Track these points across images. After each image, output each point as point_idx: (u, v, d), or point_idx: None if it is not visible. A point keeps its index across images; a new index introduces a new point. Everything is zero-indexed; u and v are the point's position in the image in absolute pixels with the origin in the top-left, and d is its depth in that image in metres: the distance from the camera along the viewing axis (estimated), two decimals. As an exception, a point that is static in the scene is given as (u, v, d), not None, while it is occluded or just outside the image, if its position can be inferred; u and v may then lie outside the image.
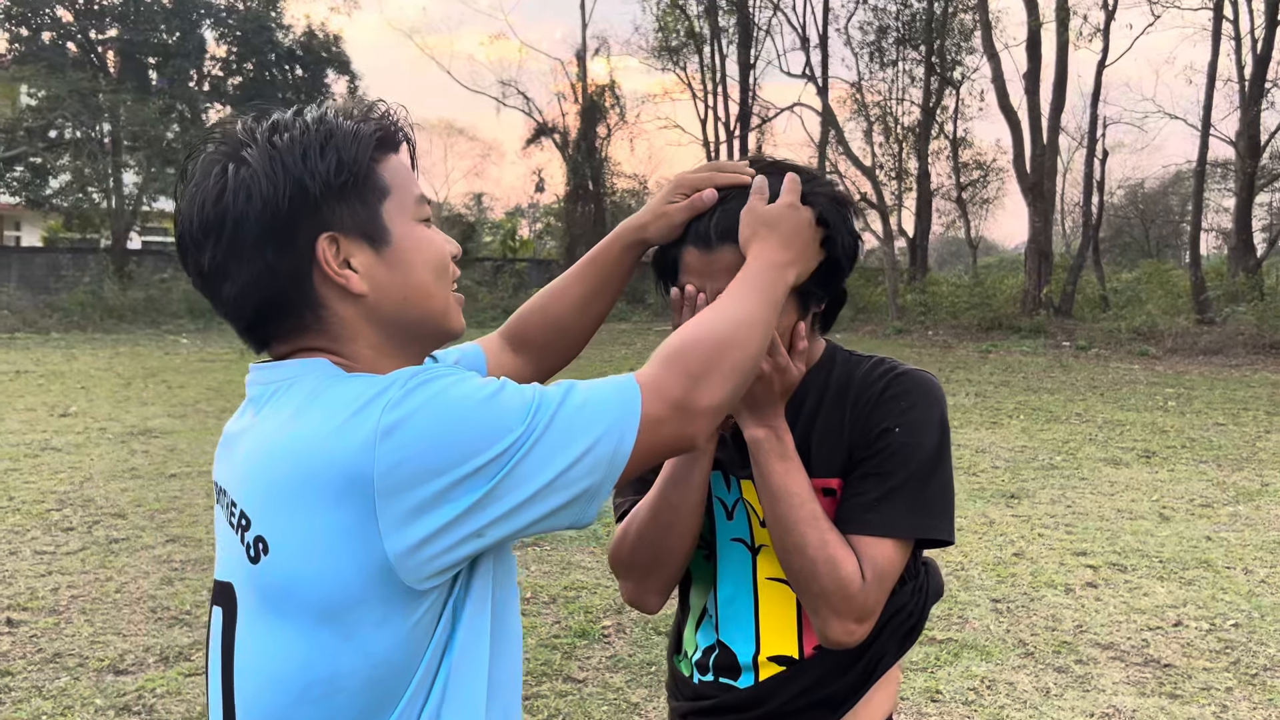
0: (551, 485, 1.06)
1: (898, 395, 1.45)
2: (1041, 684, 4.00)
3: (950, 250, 52.42)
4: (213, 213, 1.11)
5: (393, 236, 1.15)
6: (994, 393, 12.49)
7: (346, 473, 1.02)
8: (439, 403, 1.04)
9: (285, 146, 1.11)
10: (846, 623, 1.38)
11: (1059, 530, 6.19)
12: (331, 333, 1.15)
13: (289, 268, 1.11)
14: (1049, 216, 23.04)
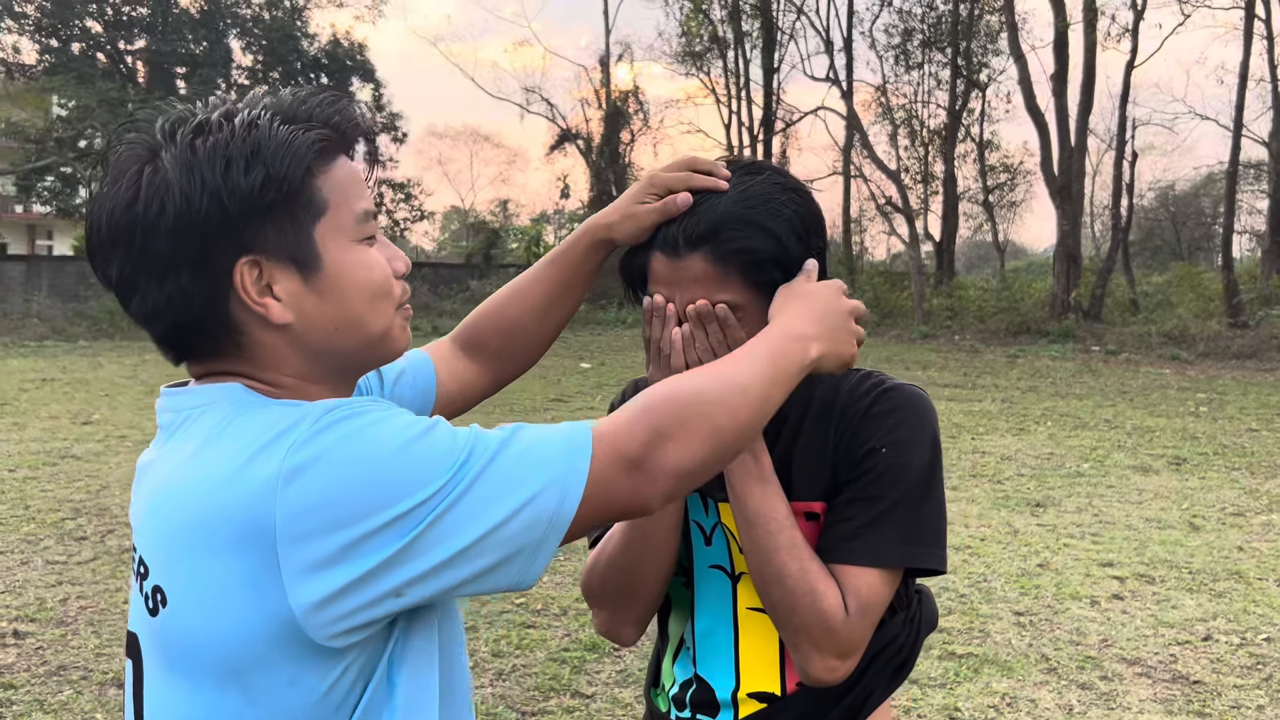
0: (480, 543, 0.94)
1: (885, 412, 1.35)
2: (1065, 701, 3.88)
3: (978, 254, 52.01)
4: (122, 221, 0.99)
5: (324, 262, 1.03)
6: (1021, 398, 12.30)
7: (246, 520, 0.92)
8: (353, 444, 0.93)
9: (206, 155, 0.98)
10: (828, 659, 1.28)
11: (1085, 540, 6.05)
12: (251, 359, 1.04)
13: (204, 291, 1.00)
14: (1077, 219, 22.76)
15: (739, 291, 1.27)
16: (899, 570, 1.32)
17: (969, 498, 7.09)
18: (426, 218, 35.81)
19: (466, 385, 1.42)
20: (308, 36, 30.87)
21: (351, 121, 1.07)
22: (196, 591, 0.95)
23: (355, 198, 1.06)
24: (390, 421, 0.95)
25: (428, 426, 0.96)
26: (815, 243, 1.31)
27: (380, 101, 32.88)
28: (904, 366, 15.83)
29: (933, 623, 1.48)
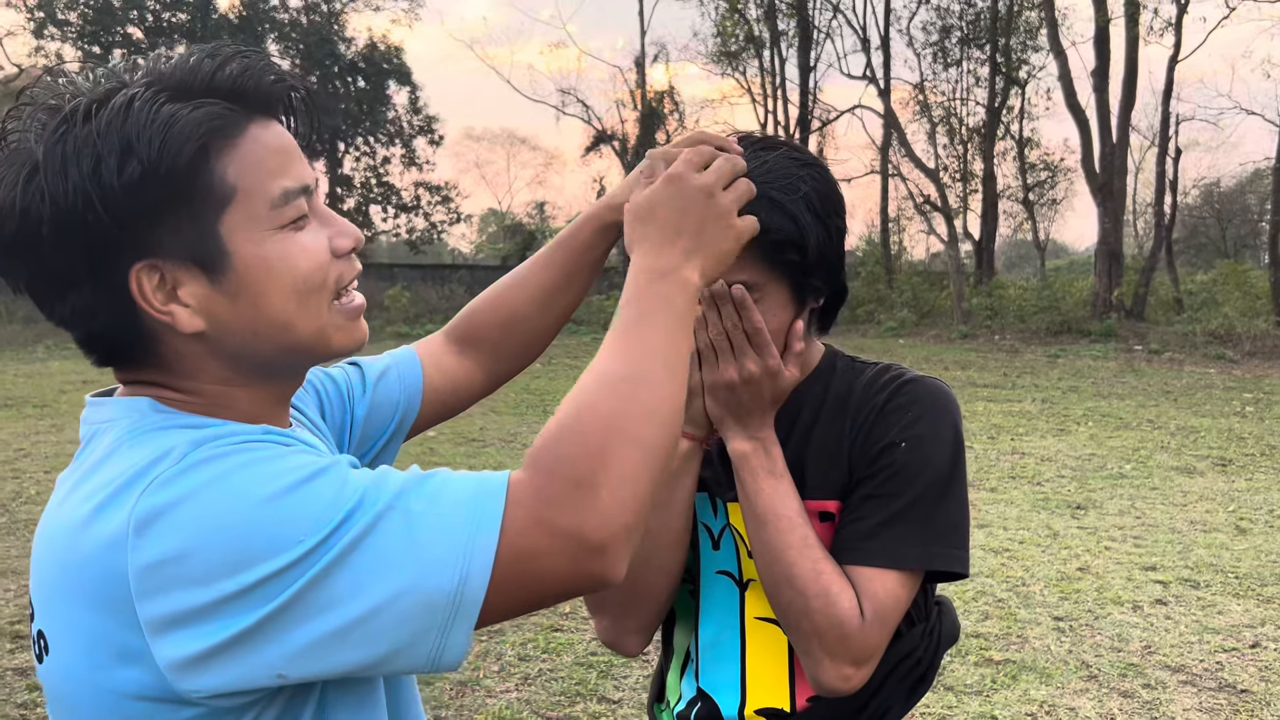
0: (364, 623, 0.79)
1: (904, 406, 1.27)
2: (1106, 709, 3.75)
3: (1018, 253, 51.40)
4: (9, 233, 0.87)
5: (233, 259, 0.88)
6: (1062, 399, 12.09)
7: (101, 573, 0.81)
8: (214, 491, 0.80)
9: (73, 154, 0.84)
10: (842, 666, 1.20)
11: (1127, 543, 5.89)
12: (169, 368, 0.93)
13: (106, 304, 0.88)
14: (1119, 217, 22.37)
15: (757, 271, 1.21)
16: (918, 573, 1.24)
17: (1008, 500, 6.94)
18: (464, 220, 35.93)
19: (458, 382, 1.33)
20: (344, 40, 31.14)
21: (263, 82, 0.90)
22: (69, 644, 0.86)
23: (272, 176, 0.90)
24: (264, 465, 0.82)
25: (310, 474, 0.82)
26: (834, 221, 1.24)
27: (417, 104, 33.10)
28: (943, 366, 15.62)
29: (954, 635, 1.39)
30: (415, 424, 1.31)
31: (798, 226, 1.20)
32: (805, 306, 1.28)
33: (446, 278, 28.34)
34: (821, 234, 1.22)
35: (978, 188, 29.55)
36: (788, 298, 1.25)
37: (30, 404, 11.70)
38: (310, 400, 1.20)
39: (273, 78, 0.91)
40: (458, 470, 0.86)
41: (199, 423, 0.90)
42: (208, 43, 0.94)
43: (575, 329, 22.27)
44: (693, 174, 1.00)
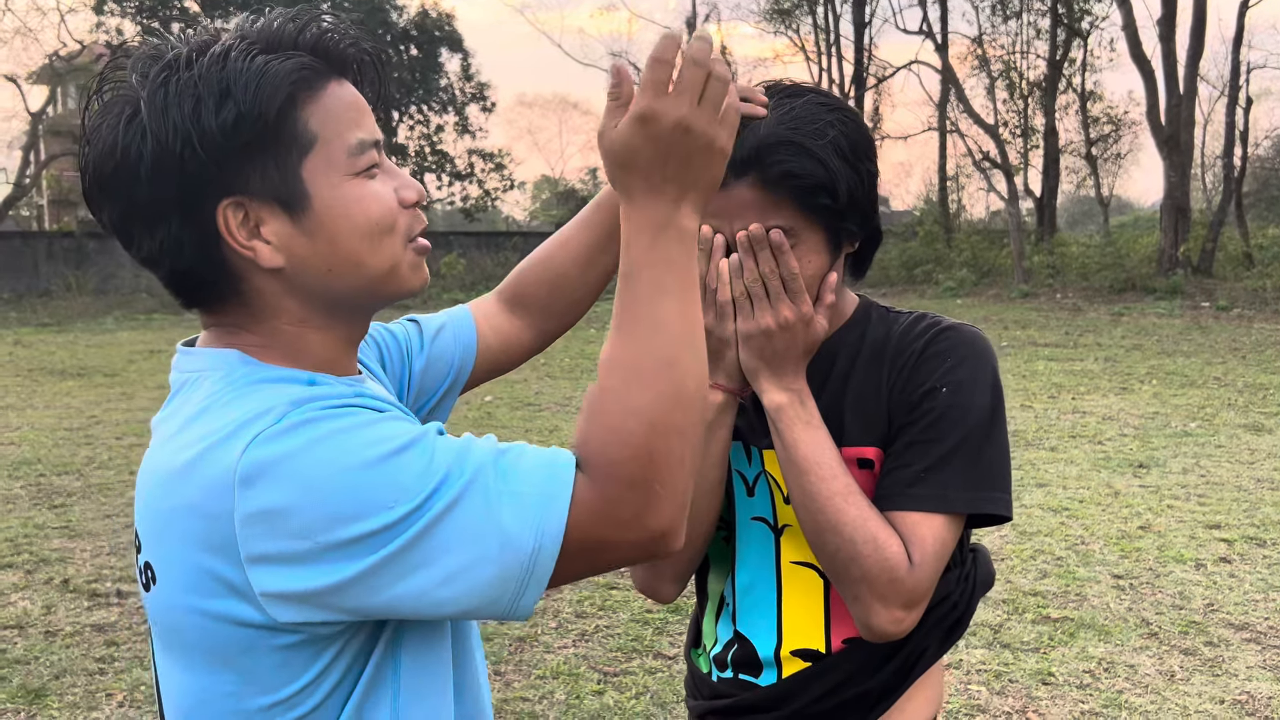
0: (443, 586, 0.87)
1: (942, 352, 1.27)
2: (1166, 667, 3.72)
3: (1082, 210, 50.33)
4: (106, 169, 0.94)
5: (313, 200, 0.95)
6: (1125, 357, 11.87)
7: (207, 512, 0.88)
8: (315, 452, 0.86)
9: (174, 96, 0.91)
10: (893, 609, 1.21)
11: (1190, 501, 5.80)
12: (250, 307, 0.99)
13: (193, 238, 0.95)
14: (1186, 171, 21.77)
15: (792, 216, 1.22)
16: (962, 516, 1.25)
17: (1068, 459, 6.86)
18: (517, 187, 36.04)
19: (509, 341, 1.38)
20: (396, 8, 31.24)
21: (342, 45, 0.98)
22: (177, 575, 0.93)
23: (348, 127, 0.97)
24: (360, 431, 0.88)
25: (403, 444, 0.88)
26: (863, 166, 1.24)
27: (469, 71, 33.15)
28: (1003, 326, 15.40)
29: (988, 582, 1.40)
30: (470, 380, 1.36)
31: (828, 171, 1.21)
32: (840, 252, 1.29)
33: (501, 245, 28.48)
34: (852, 178, 1.23)
35: (1039, 143, 28.94)
36: (823, 242, 1.25)
37: (100, 373, 12.03)
38: (371, 353, 1.25)
39: (349, 42, 0.99)
40: (528, 445, 0.92)
41: (288, 375, 0.97)
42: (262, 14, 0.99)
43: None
44: (662, 106, 0.91)
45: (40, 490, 6.46)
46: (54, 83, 28.41)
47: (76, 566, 4.96)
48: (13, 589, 4.67)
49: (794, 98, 1.24)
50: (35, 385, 11.15)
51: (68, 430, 8.46)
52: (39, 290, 23.92)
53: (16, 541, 5.34)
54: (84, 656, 3.93)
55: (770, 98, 1.23)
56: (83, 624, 4.25)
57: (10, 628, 4.22)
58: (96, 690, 3.66)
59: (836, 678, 1.31)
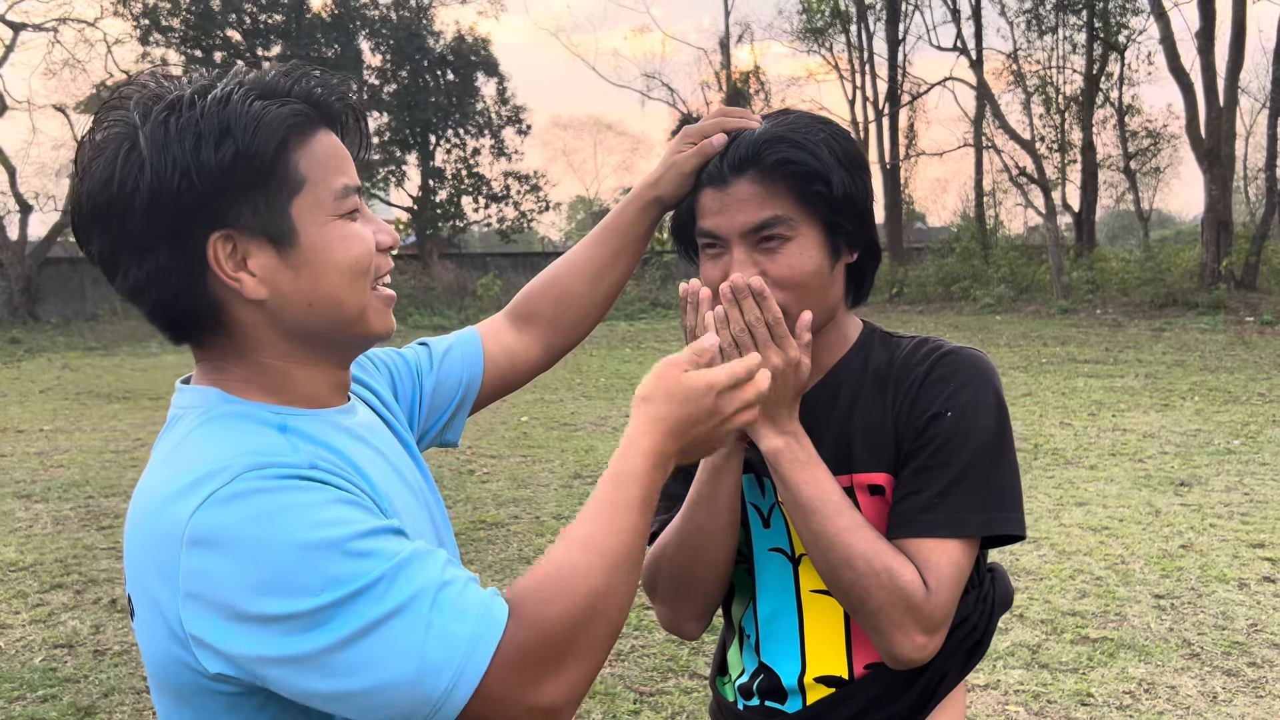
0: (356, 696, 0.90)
1: (945, 376, 1.30)
2: (1208, 688, 3.68)
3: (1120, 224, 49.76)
4: (100, 199, 0.99)
5: (300, 237, 1.01)
6: (1166, 373, 11.72)
7: (160, 562, 0.92)
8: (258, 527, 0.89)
9: (176, 132, 0.97)
10: (914, 636, 1.23)
11: (1234, 520, 5.72)
12: (233, 340, 1.04)
13: (180, 267, 1.00)
14: (1228, 184, 21.49)
15: (788, 205, 1.27)
16: (977, 539, 1.27)
17: (1107, 477, 6.79)
18: (552, 208, 36.24)
19: (517, 358, 1.43)
20: (433, 34, 31.62)
21: (333, 96, 1.06)
22: (143, 609, 0.97)
23: (334, 173, 1.04)
24: (306, 512, 0.91)
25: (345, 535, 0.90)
26: (856, 172, 1.29)
27: (505, 95, 33.45)
28: (1041, 343, 15.27)
29: (1007, 601, 1.41)
30: (480, 396, 1.42)
31: (821, 162, 1.26)
32: (839, 257, 1.32)
33: (537, 265, 28.51)
34: (846, 177, 1.28)
35: (1076, 158, 28.70)
36: (820, 239, 1.29)
37: (146, 396, 12.25)
38: (383, 379, 1.31)
39: (337, 96, 1.06)
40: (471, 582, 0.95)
41: (261, 418, 1.01)
42: (303, 42, 1.06)
43: (665, 313, 22.35)
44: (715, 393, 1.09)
45: (89, 511, 6.60)
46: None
47: (123, 587, 5.03)
48: (63, 609, 4.77)
49: (785, 114, 1.32)
50: (83, 409, 11.37)
51: (114, 453, 8.62)
52: (86, 315, 24.37)
53: (66, 562, 5.46)
54: (131, 675, 4.01)
55: (766, 118, 1.32)
56: (130, 643, 4.34)
57: (61, 646, 4.32)
58: (144, 708, 3.74)
59: (860, 703, 1.33)
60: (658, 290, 24.97)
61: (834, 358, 1.37)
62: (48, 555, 5.59)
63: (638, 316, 23.14)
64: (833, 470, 1.29)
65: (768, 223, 1.26)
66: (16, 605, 4.83)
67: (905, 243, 29.95)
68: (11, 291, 24.38)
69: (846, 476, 1.31)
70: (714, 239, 1.31)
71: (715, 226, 1.30)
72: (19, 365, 16.31)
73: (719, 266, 1.30)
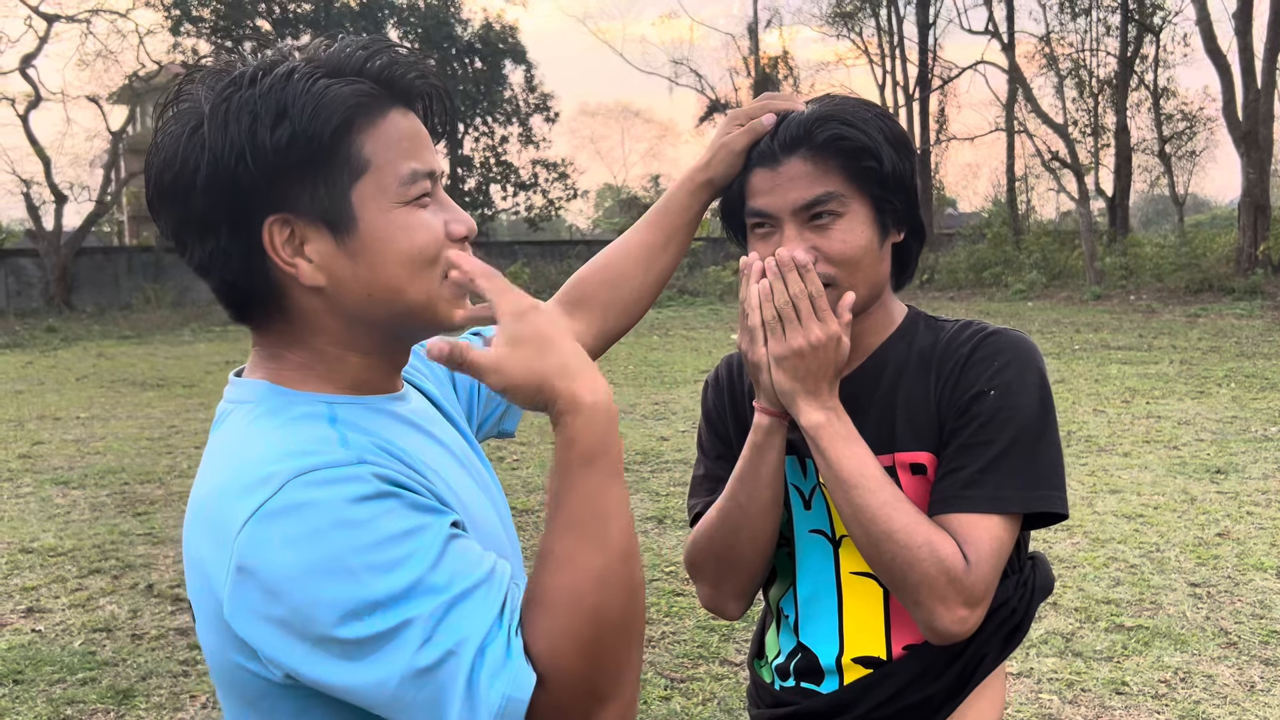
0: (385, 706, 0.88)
1: (989, 356, 1.30)
2: (1246, 677, 3.64)
3: (1156, 209, 49.16)
4: (166, 179, 0.98)
5: (359, 224, 0.97)
6: (1201, 360, 11.58)
7: (211, 569, 0.91)
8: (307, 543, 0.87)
9: (235, 112, 0.94)
10: (956, 609, 1.23)
11: (1271, 508, 5.65)
12: (294, 324, 1.02)
13: (239, 250, 0.97)
14: (1265, 167, 21.15)
15: (839, 182, 1.29)
16: (1019, 516, 1.27)
17: (1142, 464, 6.72)
18: (580, 196, 36.27)
19: None
20: (461, 22, 31.70)
21: (410, 74, 1.00)
22: (202, 614, 0.96)
23: (403, 156, 0.99)
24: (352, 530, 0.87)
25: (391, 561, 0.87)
26: (904, 151, 1.31)
27: (532, 82, 33.47)
28: (1075, 329, 15.12)
29: (1047, 588, 1.41)
30: None
31: (871, 139, 1.28)
32: (886, 235, 1.33)
33: (565, 253, 28.67)
34: (894, 155, 1.29)
35: (1110, 142, 28.34)
36: (869, 215, 1.30)
37: (179, 384, 12.38)
38: (443, 370, 1.28)
39: (416, 74, 1.01)
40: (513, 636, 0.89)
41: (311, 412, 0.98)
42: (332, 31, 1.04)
43: (692, 300, 22.31)
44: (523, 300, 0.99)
45: (125, 498, 6.69)
46: (133, 102, 29.31)
47: (160, 572, 5.13)
48: (101, 593, 4.84)
49: (830, 98, 1.34)
50: (118, 396, 11.51)
51: (149, 440, 8.72)
52: (120, 304, 24.67)
53: (104, 548, 5.53)
54: (168, 659, 4.06)
55: (811, 103, 1.34)
56: (167, 628, 4.40)
57: (100, 630, 4.38)
58: (181, 692, 3.79)
59: (897, 684, 1.33)
60: (685, 278, 24.91)
61: (879, 339, 1.38)
62: (85, 541, 5.67)
63: (665, 304, 23.10)
64: (875, 450, 1.30)
65: (820, 199, 1.28)
66: (56, 590, 4.90)
67: (936, 228, 29.73)
68: (48, 281, 24.71)
69: (889, 456, 1.32)
70: (765, 217, 1.32)
71: (767, 205, 1.31)
72: (55, 354, 16.53)
73: (769, 245, 1.31)
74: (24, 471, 7.56)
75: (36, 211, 25.90)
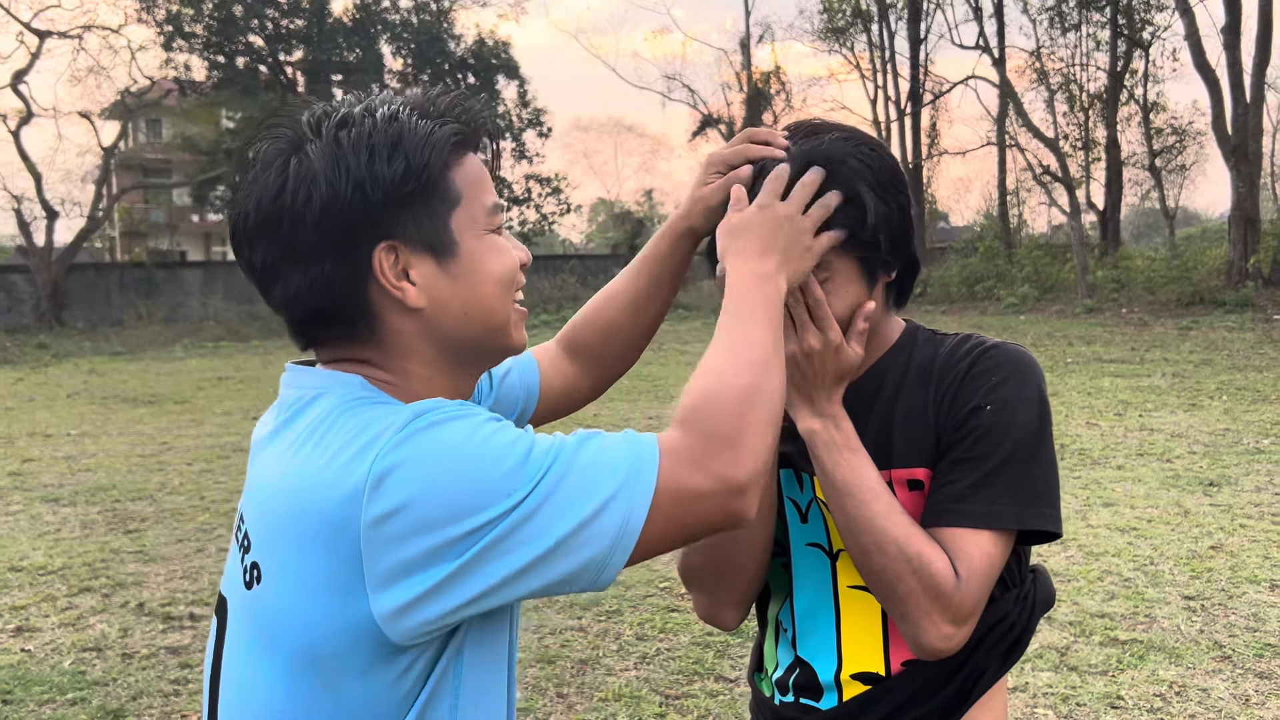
0: (553, 552, 0.96)
1: (987, 370, 1.29)
2: (1240, 691, 3.63)
3: (1146, 222, 49.41)
4: (270, 210, 1.04)
5: (460, 248, 1.07)
6: (1193, 373, 11.61)
7: (334, 521, 0.95)
8: (439, 449, 0.95)
9: (350, 146, 1.03)
10: (942, 626, 1.22)
11: (1264, 520, 5.65)
12: (383, 346, 1.08)
13: (344, 277, 1.04)
14: (1255, 180, 21.26)
15: None
16: (1011, 533, 1.26)
17: (1135, 477, 6.73)
18: (574, 211, 36.31)
19: (570, 386, 1.45)
20: (454, 38, 31.76)
21: (480, 120, 1.11)
22: (287, 578, 1.00)
23: (485, 191, 1.09)
24: (477, 429, 0.97)
25: (512, 438, 0.97)
26: (891, 197, 1.26)
27: (525, 98, 33.53)
28: (1067, 342, 15.16)
29: (1049, 602, 1.40)
30: (532, 419, 1.43)
31: (849, 188, 1.23)
32: (876, 281, 1.30)
33: (559, 268, 28.72)
34: (880, 207, 1.24)
35: (1100, 156, 28.50)
36: (856, 272, 1.27)
37: (171, 400, 12.34)
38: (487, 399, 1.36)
39: (483, 120, 1.12)
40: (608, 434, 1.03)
41: (397, 405, 1.02)
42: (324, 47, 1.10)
43: (686, 314, 22.32)
44: (777, 201, 1.21)
45: (116, 515, 6.65)
46: (125, 118, 29.33)
47: (151, 590, 5.10)
48: (91, 612, 4.81)
49: (814, 136, 1.27)
50: (109, 413, 11.47)
51: (141, 456, 8.69)
52: (111, 320, 24.62)
53: (94, 566, 5.50)
54: (159, 679, 4.03)
55: (795, 137, 1.28)
56: (158, 646, 4.37)
57: (90, 650, 4.35)
58: (172, 712, 3.76)
59: (896, 700, 1.31)
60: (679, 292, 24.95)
61: (876, 354, 1.36)
62: (76, 559, 5.64)
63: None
64: None
65: None
66: (46, 609, 4.87)
67: (928, 243, 29.80)
68: (39, 297, 24.65)
69: (886, 472, 1.30)
70: None
71: None
72: (46, 370, 16.48)
73: None
74: (13, 489, 7.52)
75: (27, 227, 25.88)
